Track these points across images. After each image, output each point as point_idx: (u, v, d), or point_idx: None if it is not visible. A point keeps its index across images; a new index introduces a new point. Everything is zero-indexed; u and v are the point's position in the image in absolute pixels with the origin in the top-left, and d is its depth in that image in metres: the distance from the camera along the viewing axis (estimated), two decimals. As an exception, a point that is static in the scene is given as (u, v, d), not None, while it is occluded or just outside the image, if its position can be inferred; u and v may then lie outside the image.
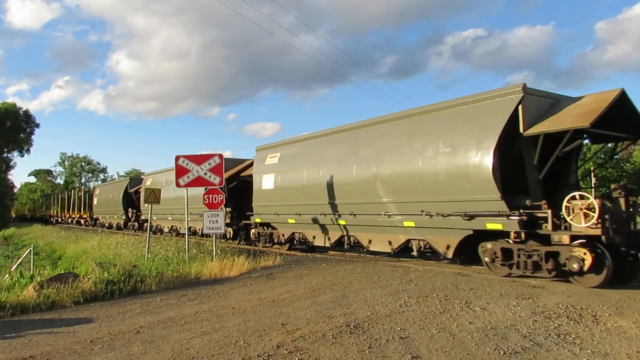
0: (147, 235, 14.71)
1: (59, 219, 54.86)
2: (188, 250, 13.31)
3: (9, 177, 61.68)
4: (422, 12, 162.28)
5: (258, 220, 17.07)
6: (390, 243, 11.97)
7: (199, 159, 13.67)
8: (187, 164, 13.56)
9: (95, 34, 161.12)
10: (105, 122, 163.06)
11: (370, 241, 12.63)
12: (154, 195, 14.75)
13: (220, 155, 13.78)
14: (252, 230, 17.97)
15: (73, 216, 48.36)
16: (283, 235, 15.98)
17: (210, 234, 13.67)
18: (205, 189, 13.84)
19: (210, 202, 13.51)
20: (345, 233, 13.42)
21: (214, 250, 12.91)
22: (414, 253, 11.47)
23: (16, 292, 8.69)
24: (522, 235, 9.07)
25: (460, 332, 5.53)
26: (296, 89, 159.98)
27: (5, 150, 57.64)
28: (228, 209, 18.24)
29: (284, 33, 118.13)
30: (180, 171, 13.59)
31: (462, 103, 10.38)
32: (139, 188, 29.60)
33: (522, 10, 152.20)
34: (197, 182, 13.60)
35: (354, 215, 12.70)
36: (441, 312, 6.48)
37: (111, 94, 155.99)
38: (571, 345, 4.98)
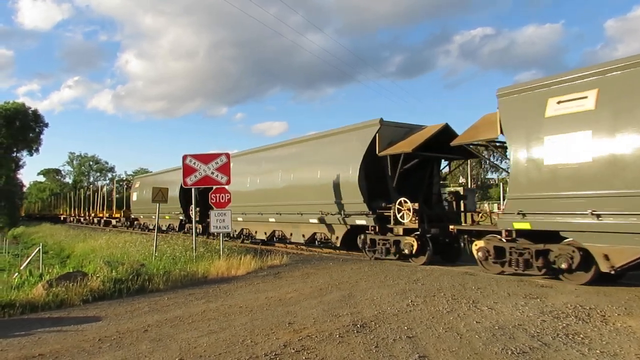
0: (155, 234, 14.80)
1: (80, 219, 50.20)
2: (195, 249, 13.36)
3: (18, 176, 62.26)
4: (430, 11, 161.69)
5: (523, 225, 9.03)
6: None
7: (206, 158, 13.71)
8: (194, 163, 13.60)
9: (104, 34, 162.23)
10: (114, 121, 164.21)
11: None
12: (161, 194, 14.79)
13: (227, 155, 13.81)
14: (479, 244, 9.95)
15: (100, 215, 42.95)
16: (606, 256, 7.81)
17: (217, 233, 13.70)
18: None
19: (218, 201, 13.55)
20: None
21: (221, 249, 12.96)
22: None
23: (25, 291, 8.76)
24: None
25: (468, 331, 5.51)
26: (303, 88, 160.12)
27: (15, 149, 58.17)
28: (413, 206, 11.52)
29: (291, 33, 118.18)
30: (187, 170, 13.64)
31: None
32: None
33: (531, 8, 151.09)
34: (204, 181, 13.64)
35: None
36: (448, 311, 6.46)
37: (120, 93, 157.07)
38: (580, 346, 4.95)
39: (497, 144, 10.76)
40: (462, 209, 12.48)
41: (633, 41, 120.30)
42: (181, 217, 24.52)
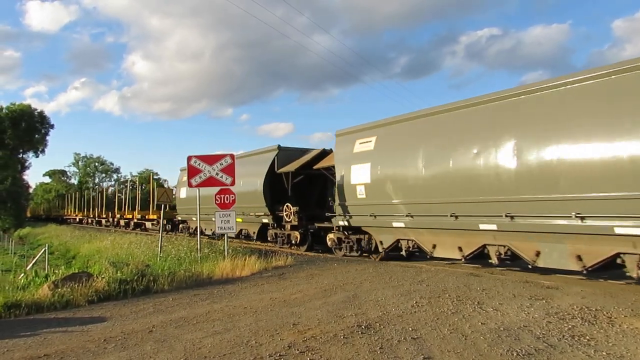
0: (160, 235, 14.84)
1: (101, 220, 45.43)
2: (200, 250, 13.39)
3: (24, 177, 62.62)
4: (436, 12, 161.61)
5: None
6: None
7: (210, 159, 13.74)
8: (199, 164, 13.64)
9: (111, 36, 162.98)
10: (120, 123, 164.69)
11: None
12: (166, 196, 14.84)
13: (232, 155, 13.84)
14: None
15: (128, 217, 38.17)
16: None
17: (222, 234, 13.71)
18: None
19: (222, 202, 13.58)
20: None
21: (225, 250, 12.97)
22: None
23: (31, 291, 8.81)
24: None
25: (473, 333, 5.49)
26: (309, 89, 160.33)
27: (21, 151, 58.60)
28: None
29: (297, 34, 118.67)
30: (192, 171, 13.68)
31: None
32: (324, 161, 15.66)
33: (538, 8, 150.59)
34: (209, 182, 13.67)
35: None
36: (453, 312, 6.44)
37: (126, 95, 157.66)
38: (586, 347, 4.91)
39: None
40: None
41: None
42: (265, 220, 17.43)
